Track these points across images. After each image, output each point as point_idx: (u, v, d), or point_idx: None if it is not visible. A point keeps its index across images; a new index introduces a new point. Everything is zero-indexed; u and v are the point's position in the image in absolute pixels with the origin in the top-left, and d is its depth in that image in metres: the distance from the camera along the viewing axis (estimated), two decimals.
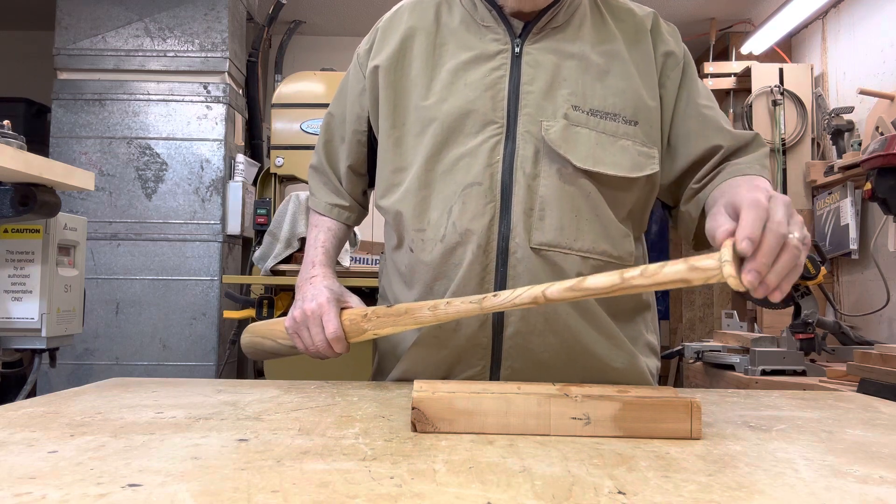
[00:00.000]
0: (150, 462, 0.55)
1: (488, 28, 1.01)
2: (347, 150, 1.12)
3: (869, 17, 3.33)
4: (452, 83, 0.99)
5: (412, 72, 1.02)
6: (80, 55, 3.44)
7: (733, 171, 0.94)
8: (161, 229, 3.40)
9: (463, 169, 0.96)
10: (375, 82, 1.04)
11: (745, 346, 2.53)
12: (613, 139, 0.96)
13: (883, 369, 1.68)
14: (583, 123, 0.96)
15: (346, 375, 1.17)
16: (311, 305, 0.99)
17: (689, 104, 1.03)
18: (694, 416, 0.69)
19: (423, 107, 1.00)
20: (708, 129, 1.01)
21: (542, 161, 0.95)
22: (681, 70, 1.04)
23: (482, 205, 0.94)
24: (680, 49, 1.06)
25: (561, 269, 0.94)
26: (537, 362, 0.96)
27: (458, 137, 0.97)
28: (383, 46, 1.06)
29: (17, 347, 1.68)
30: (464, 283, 0.94)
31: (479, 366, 0.97)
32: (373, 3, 4.22)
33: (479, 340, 0.96)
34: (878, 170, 2.24)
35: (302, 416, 0.74)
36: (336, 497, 0.47)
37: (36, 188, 1.56)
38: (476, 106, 0.97)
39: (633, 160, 0.97)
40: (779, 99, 3.66)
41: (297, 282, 1.07)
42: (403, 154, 1.01)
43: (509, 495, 0.48)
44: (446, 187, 0.96)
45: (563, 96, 0.96)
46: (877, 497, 0.50)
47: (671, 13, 4.25)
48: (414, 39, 1.03)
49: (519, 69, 0.98)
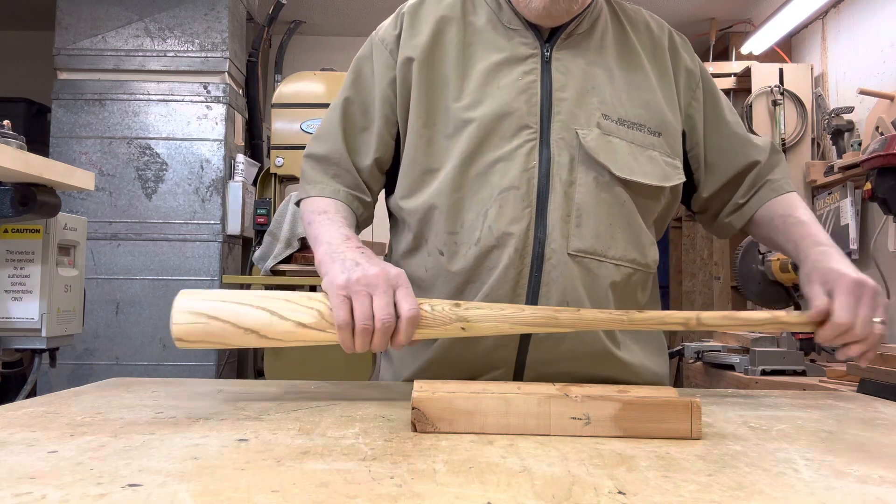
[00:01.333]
0: (150, 462, 0.55)
1: (515, 31, 1.00)
2: (376, 141, 1.03)
3: (869, 17, 3.33)
4: (486, 84, 0.97)
5: (444, 68, 1.00)
6: (80, 55, 3.44)
7: (776, 188, 1.07)
8: (161, 229, 3.40)
9: (499, 172, 0.95)
10: (408, 76, 1.00)
11: (745, 346, 2.53)
12: (642, 149, 0.98)
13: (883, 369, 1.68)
14: (614, 133, 0.97)
15: (346, 375, 1.16)
16: (375, 270, 0.79)
17: (719, 121, 1.08)
18: (694, 416, 0.69)
19: (456, 108, 0.98)
20: (744, 146, 1.08)
21: (577, 168, 0.95)
22: (702, 89, 1.08)
23: (520, 209, 0.93)
24: (696, 65, 1.09)
25: (595, 275, 0.94)
26: (564, 371, 0.95)
27: (494, 140, 0.96)
28: (414, 34, 1.01)
29: (17, 347, 1.68)
30: (497, 287, 0.93)
31: (504, 367, 0.96)
32: (373, 4, 4.22)
33: (507, 342, 0.95)
34: (878, 170, 2.24)
35: (302, 416, 0.74)
36: (336, 497, 0.47)
37: (36, 188, 1.56)
38: (512, 109, 0.96)
39: (663, 170, 0.99)
40: (779, 99, 3.66)
41: (323, 257, 0.86)
42: (434, 155, 0.98)
43: (509, 495, 0.48)
44: (482, 190, 0.95)
45: (593, 104, 0.97)
46: (877, 497, 0.50)
47: (671, 13, 4.25)
48: (445, 32, 1.01)
49: (550, 75, 0.98)
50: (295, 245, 2.64)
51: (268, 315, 0.78)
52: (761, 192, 1.07)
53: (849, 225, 3.18)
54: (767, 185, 1.07)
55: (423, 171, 0.99)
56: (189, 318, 0.78)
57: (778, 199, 1.06)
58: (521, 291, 0.93)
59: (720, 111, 1.09)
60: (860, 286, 0.85)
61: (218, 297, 0.80)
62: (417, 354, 1.01)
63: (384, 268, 0.80)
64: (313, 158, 1.05)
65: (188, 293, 0.80)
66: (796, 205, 1.05)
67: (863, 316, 0.84)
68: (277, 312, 0.78)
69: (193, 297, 0.79)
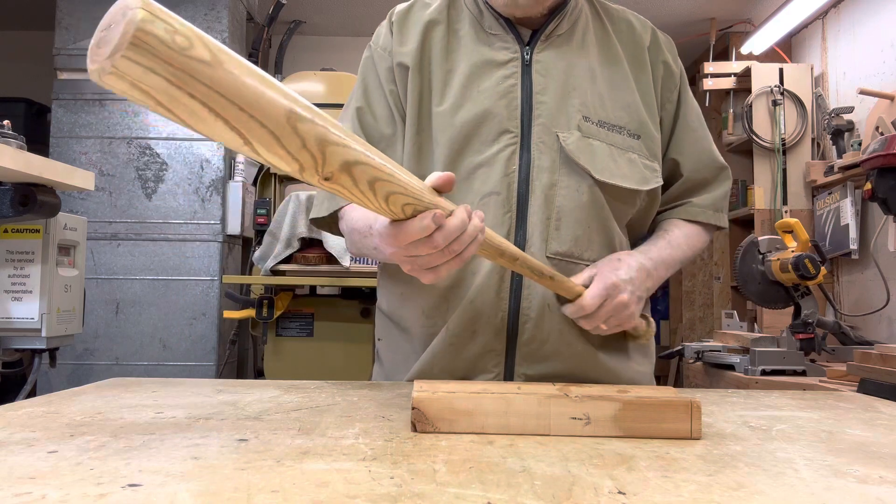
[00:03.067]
0: (150, 462, 0.55)
1: (496, 35, 1.01)
2: (401, 145, 1.01)
3: (869, 17, 3.33)
4: (466, 89, 0.98)
5: (430, 74, 1.00)
6: (80, 55, 3.44)
7: (692, 213, 1.09)
8: (161, 229, 3.40)
9: (480, 178, 0.95)
10: (403, 82, 1.01)
11: (745, 346, 2.53)
12: (622, 151, 0.99)
13: (883, 369, 1.68)
14: (594, 135, 0.97)
15: (346, 375, 1.16)
16: (478, 223, 0.73)
17: (685, 129, 1.10)
18: (694, 416, 0.69)
19: (437, 112, 0.98)
20: (700, 155, 1.09)
21: (558, 171, 0.95)
22: (679, 92, 1.09)
23: (501, 214, 0.95)
24: (678, 66, 1.10)
25: (570, 275, 0.94)
26: (550, 372, 0.96)
27: (474, 145, 0.96)
28: (403, 41, 1.02)
29: (17, 347, 1.68)
30: (481, 292, 0.94)
31: (494, 373, 0.97)
32: (373, 4, 4.22)
33: (494, 347, 0.96)
34: (878, 170, 2.24)
35: (302, 416, 0.74)
36: (336, 497, 0.47)
37: (36, 188, 1.56)
38: (492, 114, 0.96)
39: (641, 173, 1.00)
40: (779, 99, 3.66)
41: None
42: (423, 162, 0.99)
43: (509, 495, 0.48)
44: (464, 196, 0.96)
45: (574, 106, 0.97)
46: (877, 497, 0.50)
47: (671, 13, 4.25)
48: (431, 37, 1.02)
49: (530, 77, 0.98)
50: (295, 245, 2.64)
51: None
52: (679, 209, 1.10)
53: (849, 225, 3.18)
54: (683, 206, 1.10)
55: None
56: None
57: (680, 221, 1.08)
58: (504, 295, 0.95)
59: (686, 117, 1.09)
60: (616, 289, 0.91)
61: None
62: (408, 360, 1.02)
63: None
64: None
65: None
66: (687, 232, 1.07)
67: (605, 311, 0.90)
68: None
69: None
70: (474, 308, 0.95)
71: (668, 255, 1.03)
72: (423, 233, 0.67)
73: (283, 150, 0.54)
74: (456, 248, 0.70)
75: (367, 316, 2.74)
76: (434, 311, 0.99)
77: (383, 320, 1.10)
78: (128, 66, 0.45)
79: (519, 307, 0.95)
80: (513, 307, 0.95)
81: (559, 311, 0.94)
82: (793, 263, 2.24)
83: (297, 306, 2.76)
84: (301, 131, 0.54)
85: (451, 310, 0.97)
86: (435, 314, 0.99)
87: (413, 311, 1.01)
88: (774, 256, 2.36)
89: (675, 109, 1.09)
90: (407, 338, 1.04)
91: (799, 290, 2.34)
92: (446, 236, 0.68)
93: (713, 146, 1.12)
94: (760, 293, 2.42)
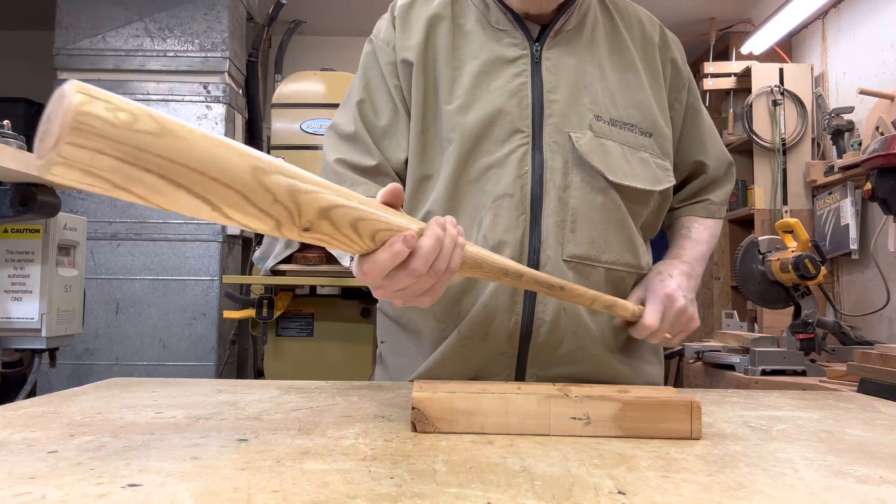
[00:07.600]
0: (150, 462, 0.55)
1: (504, 31, 0.98)
2: (404, 139, 0.99)
3: (869, 18, 3.33)
4: (476, 87, 0.95)
5: (436, 71, 0.98)
6: (80, 55, 3.44)
7: (709, 211, 1.12)
8: (161, 229, 3.40)
9: (492, 179, 0.93)
10: (408, 78, 0.98)
11: (745, 346, 2.53)
12: (634, 151, 0.97)
13: (883, 369, 1.67)
14: (607, 135, 0.95)
15: (346, 375, 1.16)
16: (453, 231, 0.69)
17: (695, 127, 1.10)
18: (694, 416, 0.68)
19: (447, 111, 0.95)
20: (701, 149, 1.10)
21: (571, 172, 0.93)
22: (688, 91, 1.09)
23: (514, 216, 0.92)
24: (686, 67, 1.09)
25: (587, 280, 0.93)
26: (562, 375, 0.95)
27: (486, 145, 0.94)
28: (407, 36, 0.99)
29: (17, 347, 1.68)
30: (494, 296, 0.92)
31: (503, 375, 0.96)
32: (373, 4, 4.22)
33: (506, 350, 0.94)
34: (878, 170, 2.23)
35: (302, 416, 0.74)
36: (336, 497, 0.47)
37: (36, 188, 1.56)
38: (503, 112, 0.94)
39: (654, 173, 0.99)
40: (779, 99, 3.65)
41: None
42: (429, 161, 0.97)
43: (509, 495, 0.48)
44: (475, 198, 0.93)
45: (585, 105, 0.95)
46: (877, 497, 0.50)
47: (671, 13, 4.25)
48: (436, 32, 0.99)
49: (540, 75, 0.96)
50: (295, 245, 2.64)
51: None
52: (695, 206, 1.12)
53: (849, 225, 3.18)
54: (702, 204, 1.11)
55: (419, 178, 0.98)
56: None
57: (698, 217, 1.11)
58: (518, 299, 0.93)
59: (700, 121, 1.10)
60: (671, 299, 0.93)
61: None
62: (413, 362, 1.00)
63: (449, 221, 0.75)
64: (358, 170, 0.98)
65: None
66: (707, 226, 1.10)
67: (667, 322, 0.93)
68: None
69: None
70: (487, 312, 0.93)
71: (698, 253, 1.06)
72: (397, 259, 0.63)
73: (254, 208, 0.53)
74: (440, 266, 0.66)
75: (368, 316, 2.74)
76: (446, 315, 0.96)
77: (386, 322, 1.08)
78: (74, 152, 0.44)
79: (534, 310, 0.93)
80: (527, 310, 0.93)
81: (573, 315, 0.94)
82: (793, 263, 2.24)
83: (297, 306, 2.76)
84: (269, 185, 0.53)
85: (463, 313, 0.95)
86: (447, 318, 0.96)
87: (423, 314, 0.99)
88: (774, 256, 2.36)
89: (689, 109, 1.09)
90: (414, 339, 1.02)
91: (799, 290, 2.34)
92: (426, 260, 0.64)
93: (722, 142, 1.15)
94: (760, 293, 2.42)
